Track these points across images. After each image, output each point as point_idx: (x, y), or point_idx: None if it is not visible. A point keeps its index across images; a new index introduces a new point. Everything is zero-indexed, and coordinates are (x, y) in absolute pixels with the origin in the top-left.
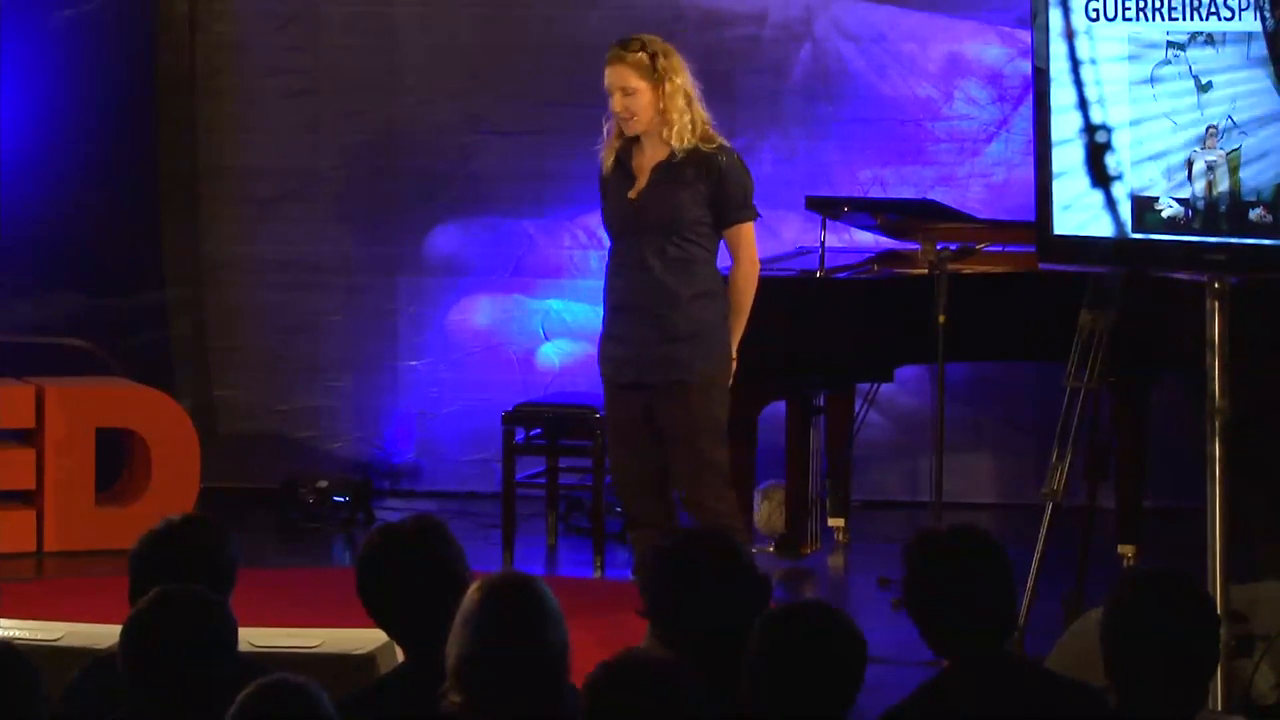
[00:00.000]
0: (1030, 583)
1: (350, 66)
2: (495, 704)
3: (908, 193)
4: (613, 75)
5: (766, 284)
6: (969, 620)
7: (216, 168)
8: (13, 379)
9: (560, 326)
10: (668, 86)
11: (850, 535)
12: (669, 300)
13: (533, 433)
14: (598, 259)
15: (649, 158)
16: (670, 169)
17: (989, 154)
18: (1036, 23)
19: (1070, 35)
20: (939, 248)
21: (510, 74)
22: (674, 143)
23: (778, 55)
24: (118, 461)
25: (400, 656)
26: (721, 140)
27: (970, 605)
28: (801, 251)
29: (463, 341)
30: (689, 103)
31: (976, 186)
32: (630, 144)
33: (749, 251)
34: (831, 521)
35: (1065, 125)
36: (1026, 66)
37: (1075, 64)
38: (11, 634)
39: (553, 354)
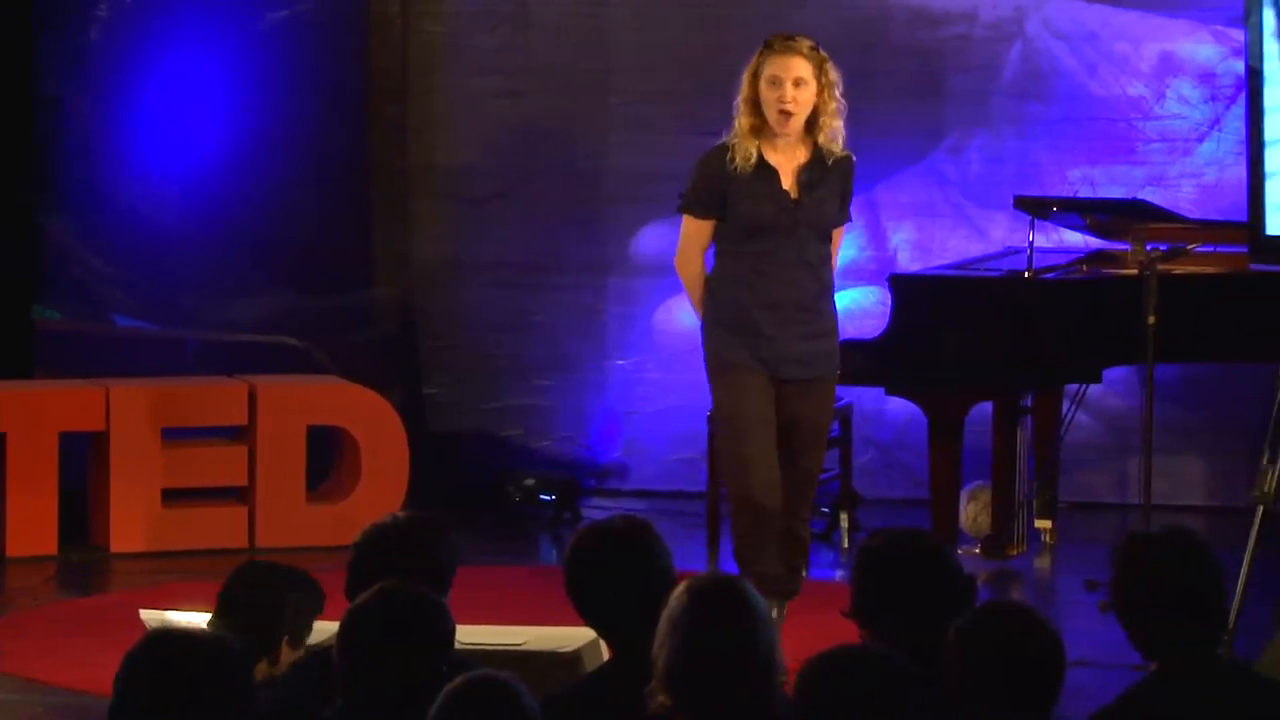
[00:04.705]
0: (1240, 586)
1: (561, 67)
2: (704, 707)
3: (1118, 193)
4: (786, 65)
5: (974, 284)
6: (1178, 623)
7: (427, 167)
8: (226, 377)
9: None
10: (830, 90)
11: (1058, 537)
12: (820, 297)
13: None
14: None
15: (786, 158)
16: (820, 170)
17: (1200, 154)
18: (1250, 21)
19: None
20: (1149, 248)
21: (720, 74)
22: (832, 146)
23: (988, 54)
24: (328, 459)
25: (606, 655)
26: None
27: (1180, 608)
28: (1010, 251)
29: (669, 341)
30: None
31: (1188, 186)
32: (758, 142)
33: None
34: (1038, 523)
35: (1278, 125)
36: (1240, 66)
37: None
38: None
39: None
